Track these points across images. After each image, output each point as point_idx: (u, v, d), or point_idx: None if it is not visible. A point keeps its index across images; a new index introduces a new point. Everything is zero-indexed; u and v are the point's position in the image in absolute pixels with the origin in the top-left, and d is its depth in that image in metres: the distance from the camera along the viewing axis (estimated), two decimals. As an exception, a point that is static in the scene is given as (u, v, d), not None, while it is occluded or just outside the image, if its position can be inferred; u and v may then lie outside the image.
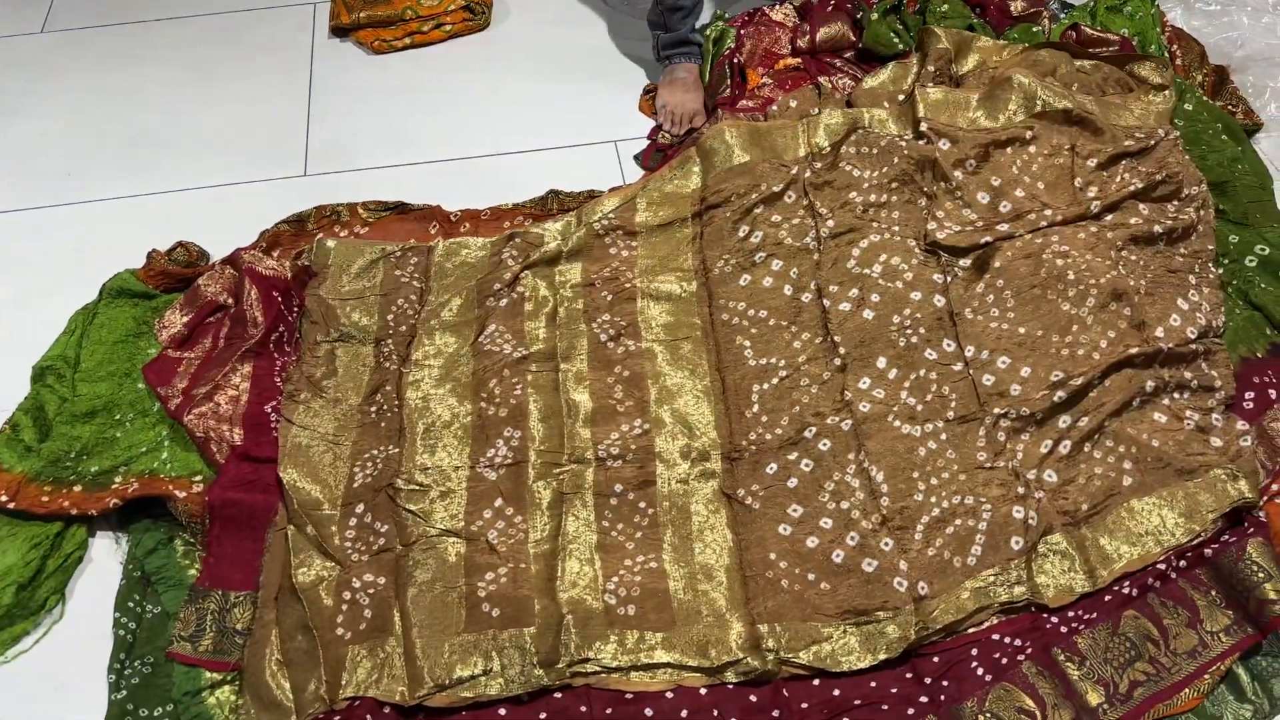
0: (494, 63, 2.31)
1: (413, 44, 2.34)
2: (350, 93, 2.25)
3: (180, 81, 2.29)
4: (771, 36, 2.15)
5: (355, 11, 2.33)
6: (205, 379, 1.66)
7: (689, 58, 2.22)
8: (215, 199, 2.03)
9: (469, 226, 1.95)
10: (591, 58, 2.31)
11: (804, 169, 1.82)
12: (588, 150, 2.11)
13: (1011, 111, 1.81)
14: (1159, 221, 1.70)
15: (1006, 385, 1.55)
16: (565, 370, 1.65)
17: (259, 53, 2.35)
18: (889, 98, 1.92)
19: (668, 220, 1.84)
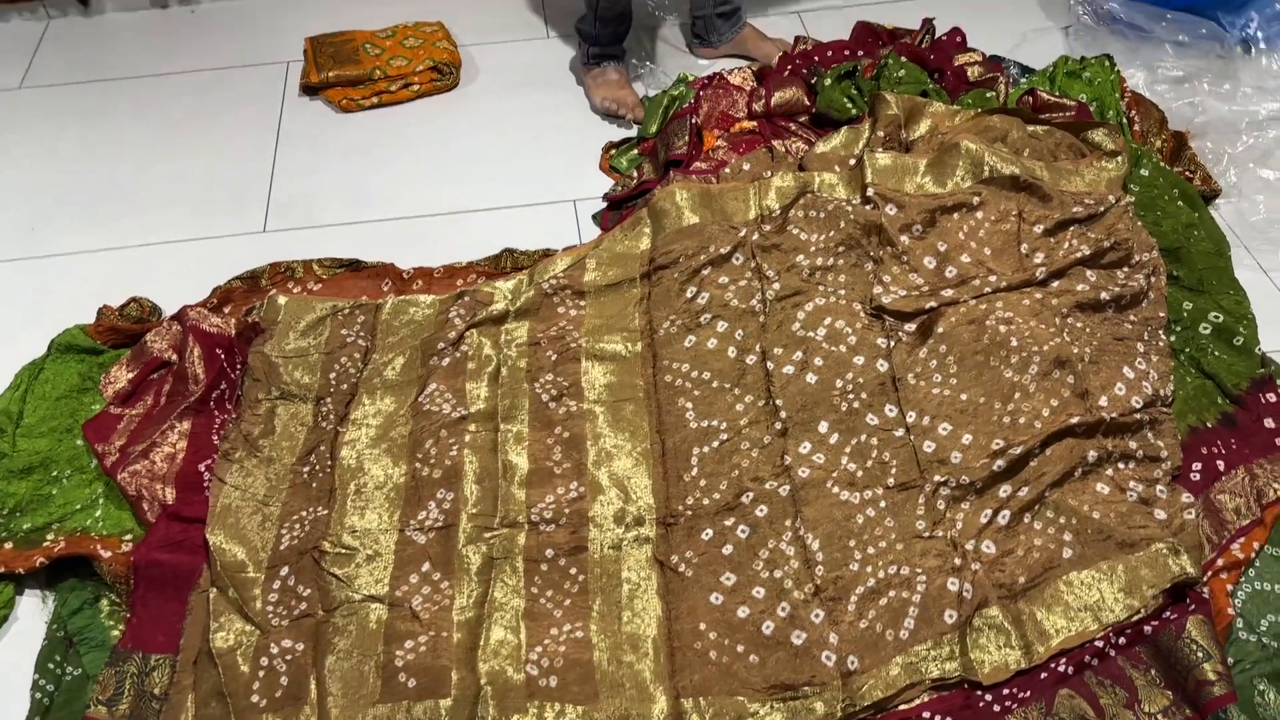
0: (459, 122, 2.33)
1: (380, 103, 2.36)
2: (316, 149, 2.27)
3: (149, 137, 2.31)
4: (729, 99, 2.16)
5: (325, 71, 2.36)
6: (143, 436, 1.65)
7: (617, 61, 2.33)
8: (173, 254, 2.04)
9: (421, 284, 1.95)
10: (554, 119, 2.33)
11: (752, 231, 1.82)
12: (546, 209, 2.12)
13: (959, 178, 1.81)
14: (1106, 288, 1.68)
15: (947, 452, 1.52)
16: (505, 431, 1.64)
17: (229, 109, 2.38)
18: (840, 162, 1.92)
19: (616, 280, 1.84)
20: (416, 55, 2.41)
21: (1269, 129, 2.06)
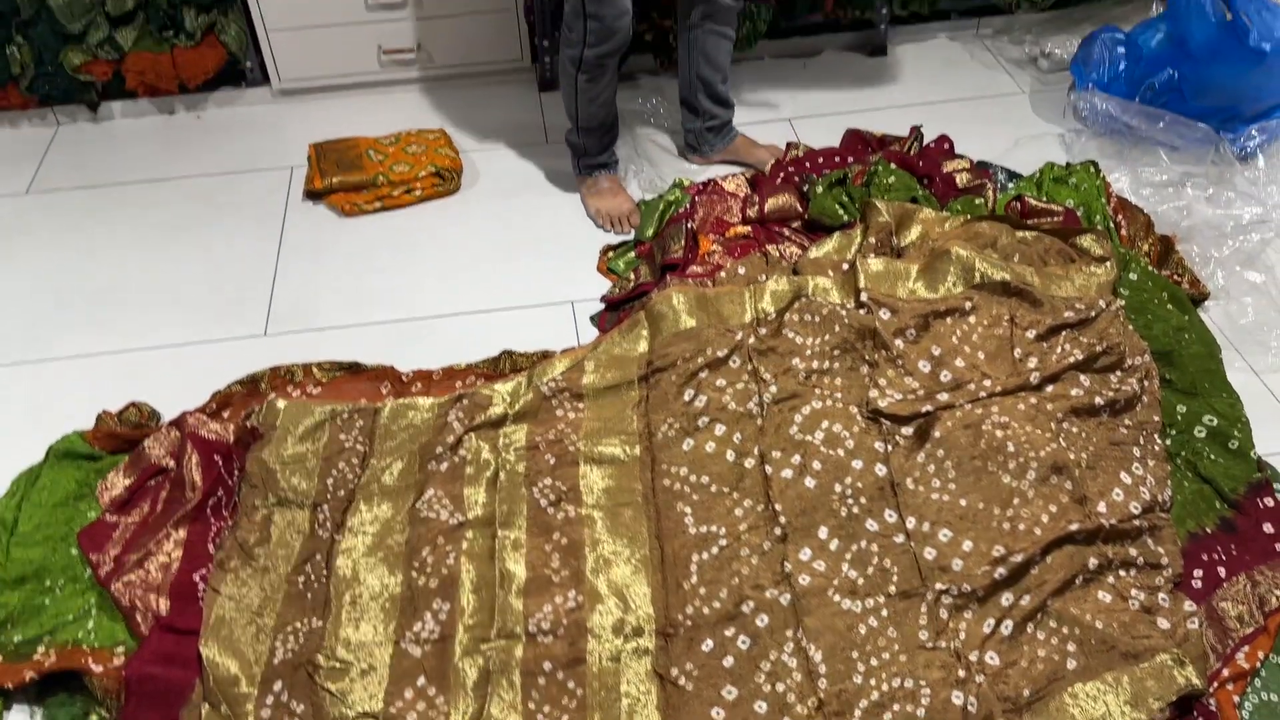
0: (459, 226, 2.37)
1: (383, 207, 2.41)
2: (318, 253, 2.30)
3: (152, 240, 2.35)
4: (724, 205, 2.21)
5: (329, 177, 2.41)
6: (138, 545, 1.64)
7: (609, 169, 2.37)
8: (174, 358, 2.05)
9: (420, 387, 1.96)
10: (552, 222, 2.37)
11: (749, 334, 1.84)
12: (544, 310, 2.14)
13: (950, 283, 1.84)
14: (1100, 393, 1.69)
15: (948, 559, 1.52)
16: (503, 537, 1.63)
17: (233, 213, 2.42)
18: (833, 266, 1.96)
19: (614, 383, 1.85)
20: (419, 161, 2.46)
21: (1253, 232, 2.10)
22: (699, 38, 2.28)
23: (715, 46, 2.28)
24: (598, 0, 2.00)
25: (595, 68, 2.13)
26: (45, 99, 2.68)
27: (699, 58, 2.31)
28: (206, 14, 2.56)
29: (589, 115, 2.26)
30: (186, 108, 2.77)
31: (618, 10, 2.01)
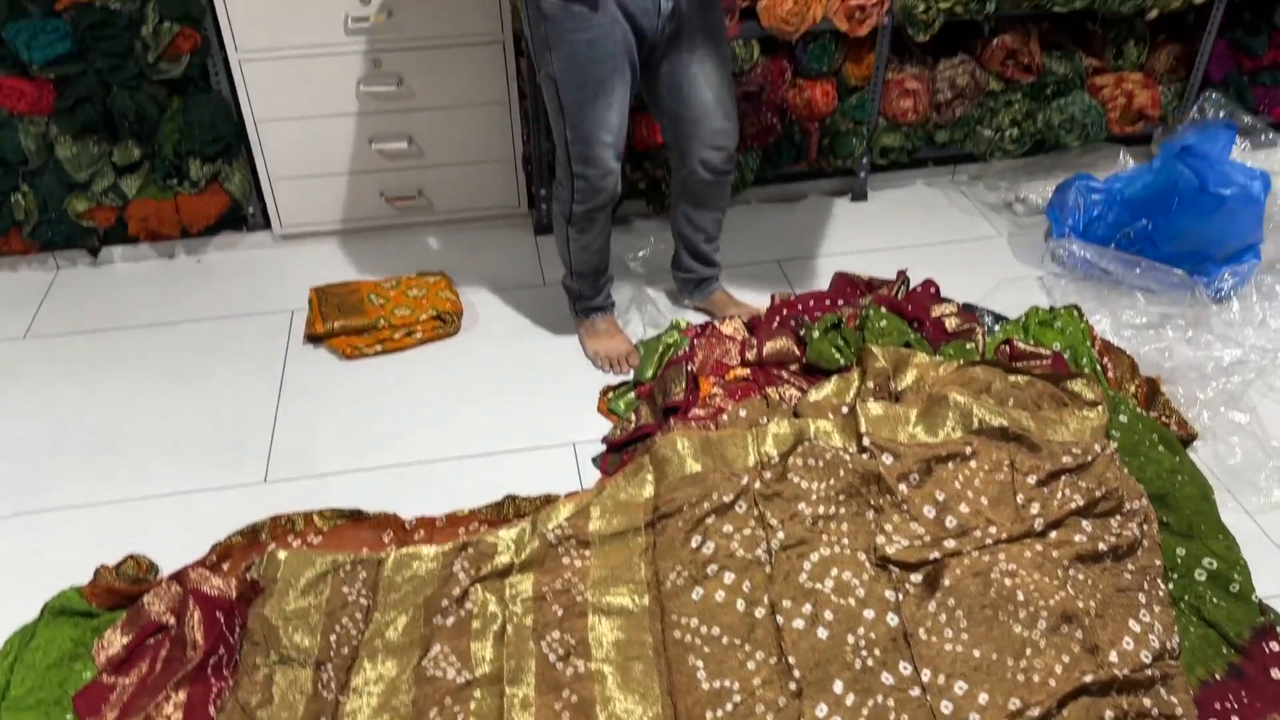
0: (460, 368, 2.40)
1: (384, 350, 2.44)
2: (318, 397, 2.32)
3: (151, 386, 2.36)
4: (722, 348, 2.26)
5: (331, 321, 2.44)
6: (136, 708, 1.59)
7: (605, 312, 2.42)
8: (173, 507, 2.03)
9: (423, 534, 1.95)
10: (552, 363, 2.41)
11: (754, 479, 1.86)
12: (546, 452, 2.16)
13: (950, 428, 1.88)
14: (1103, 538, 1.72)
15: (965, 713, 1.51)
16: (511, 695, 1.60)
17: (233, 358, 2.44)
18: (833, 409, 2.00)
19: (621, 529, 1.85)
20: (420, 305, 2.51)
21: (1234, 374, 2.18)
22: (684, 202, 2.36)
23: (698, 213, 2.37)
24: (584, 161, 2.08)
25: (584, 220, 2.20)
26: (47, 244, 2.72)
27: (683, 218, 2.39)
28: (211, 163, 2.63)
29: (582, 262, 2.33)
30: (187, 251, 2.81)
31: (603, 170, 2.09)
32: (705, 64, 2.08)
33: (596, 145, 2.05)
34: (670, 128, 2.20)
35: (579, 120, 2.03)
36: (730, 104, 2.17)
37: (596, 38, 1.93)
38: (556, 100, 2.03)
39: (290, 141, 2.64)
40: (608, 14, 1.92)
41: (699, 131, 2.16)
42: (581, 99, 2.00)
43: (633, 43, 1.98)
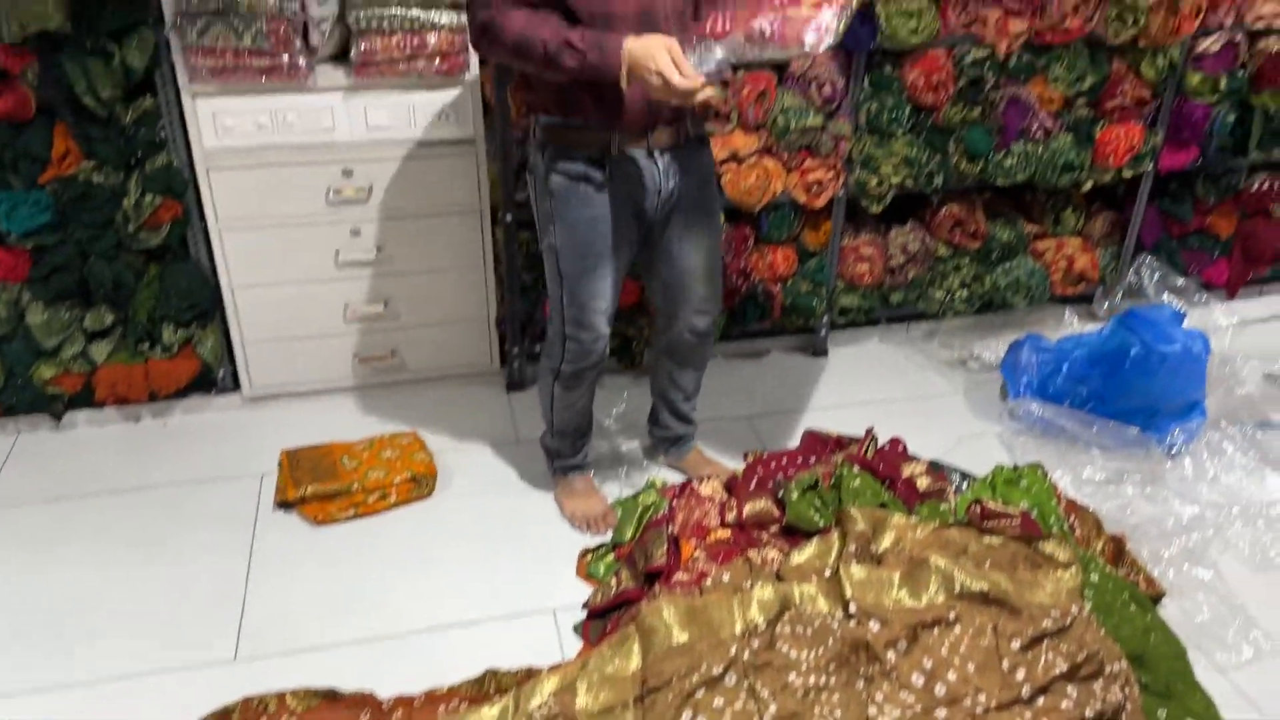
0: (435, 532, 2.38)
1: (357, 514, 2.41)
2: (290, 567, 2.27)
3: (114, 558, 2.29)
4: (701, 510, 2.28)
5: (303, 486, 2.42)
6: None
7: (583, 471, 2.45)
8: (137, 690, 1.94)
9: (401, 714, 1.89)
10: (529, 524, 2.40)
11: (742, 648, 1.85)
12: (526, 620, 2.12)
13: (933, 591, 1.91)
14: (1089, 704, 1.74)
15: None
16: None
17: (200, 527, 2.38)
18: (816, 572, 2.02)
19: (609, 705, 1.82)
20: (394, 467, 2.50)
21: (1194, 530, 2.26)
22: (667, 361, 2.43)
23: (681, 372, 2.44)
24: (577, 325, 2.16)
25: (572, 379, 2.25)
26: (9, 410, 2.67)
27: (665, 376, 2.46)
28: (185, 328, 2.64)
29: (564, 421, 2.36)
30: (153, 415, 2.78)
31: (595, 335, 2.17)
32: (698, 236, 2.18)
33: (590, 313, 2.13)
34: (659, 291, 2.28)
35: (575, 288, 2.11)
36: (717, 273, 2.27)
37: (598, 215, 2.03)
38: (556, 268, 2.11)
39: (266, 307, 2.67)
40: (611, 194, 2.03)
41: (688, 297, 2.25)
42: (580, 270, 2.08)
43: (633, 220, 2.09)
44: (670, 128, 2.02)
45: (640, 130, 1.98)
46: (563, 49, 1.78)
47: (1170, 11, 2.76)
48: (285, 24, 2.32)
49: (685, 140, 2.06)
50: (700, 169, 2.13)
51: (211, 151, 2.46)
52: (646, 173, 2.03)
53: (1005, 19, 2.72)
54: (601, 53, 1.76)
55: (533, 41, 1.79)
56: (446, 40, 2.42)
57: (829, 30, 1.70)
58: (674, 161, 2.06)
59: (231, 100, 2.42)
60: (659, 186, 2.06)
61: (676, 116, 2.02)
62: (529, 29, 1.79)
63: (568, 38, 1.77)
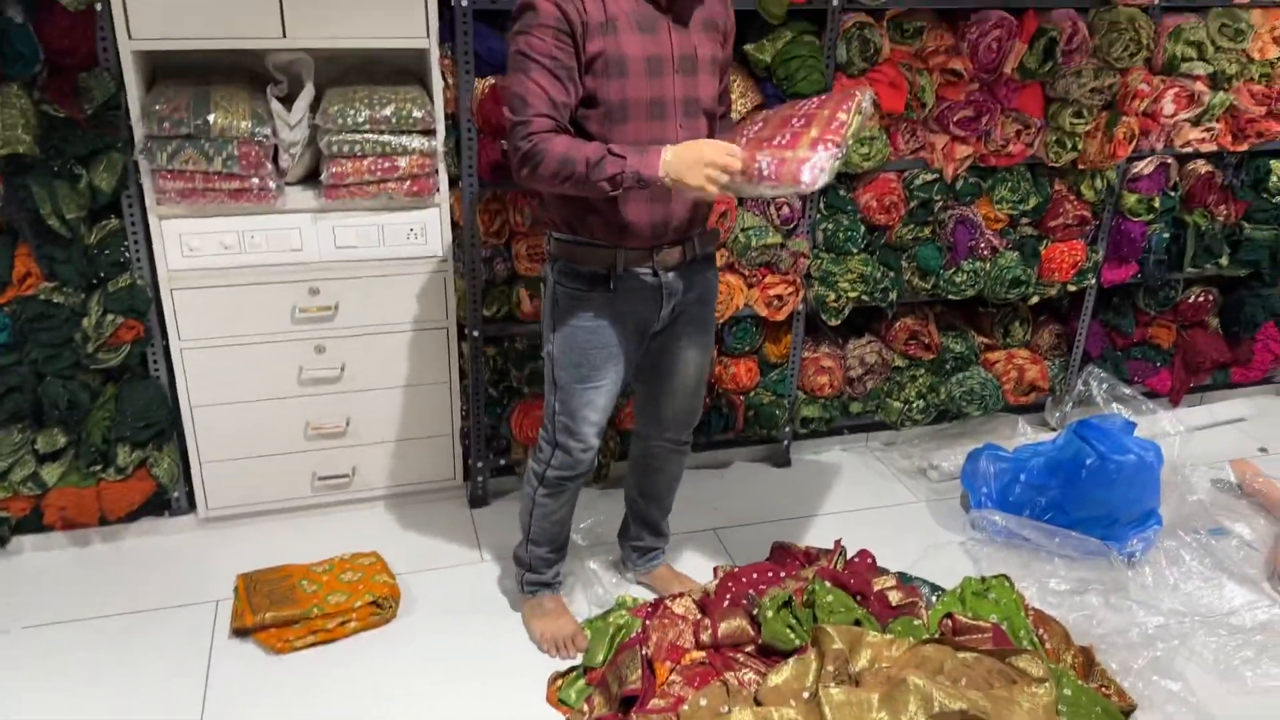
0: (399, 658, 2.31)
1: (317, 641, 2.33)
2: (247, 698, 2.17)
3: (61, 692, 2.17)
4: (675, 630, 2.25)
5: (261, 612, 2.34)
6: None
7: (553, 590, 2.42)
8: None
9: None
10: (495, 647, 2.35)
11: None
12: (497, 754, 2.06)
13: (912, 712, 1.89)
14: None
15: None
16: None
17: (152, 657, 2.28)
18: (794, 695, 1.99)
19: (587, 842, 1.76)
20: (355, 590, 2.43)
21: (1159, 641, 2.28)
22: (643, 468, 2.44)
23: (655, 479, 2.44)
24: (567, 433, 2.17)
25: (556, 486, 2.26)
26: (-50, 535, 2.56)
27: (638, 484, 2.46)
28: (141, 449, 2.57)
29: (540, 530, 2.33)
30: (103, 539, 2.68)
31: (584, 446, 2.18)
32: (691, 350, 2.23)
33: (581, 423, 2.15)
34: (644, 398, 2.32)
35: (568, 397, 2.13)
36: (703, 387, 2.32)
37: (598, 327, 2.07)
38: (552, 376, 2.15)
39: (226, 425, 2.62)
40: (613, 309, 2.07)
41: (673, 407, 2.30)
42: (574, 379, 2.11)
43: (634, 335, 2.12)
44: (677, 247, 2.07)
45: (646, 249, 2.03)
46: (605, 160, 1.83)
47: (1106, 137, 2.93)
48: (257, 148, 2.35)
49: (692, 259, 2.11)
50: (704, 287, 2.18)
51: (176, 271, 2.45)
52: (650, 290, 2.08)
53: (951, 144, 2.86)
54: (642, 156, 1.83)
55: (575, 159, 1.83)
56: (417, 163, 2.46)
57: (823, 170, 1.79)
58: (679, 279, 2.11)
59: (199, 221, 2.42)
60: (661, 304, 2.11)
61: (683, 237, 2.07)
62: (572, 149, 1.84)
63: (609, 148, 1.84)
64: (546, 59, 1.84)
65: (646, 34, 1.91)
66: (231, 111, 2.32)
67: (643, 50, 1.91)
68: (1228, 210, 3.23)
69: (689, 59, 1.96)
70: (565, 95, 1.87)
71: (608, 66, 1.89)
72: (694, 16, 1.98)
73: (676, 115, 1.95)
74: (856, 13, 2.68)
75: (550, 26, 1.84)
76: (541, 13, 1.84)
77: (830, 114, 1.89)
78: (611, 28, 1.88)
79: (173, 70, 2.50)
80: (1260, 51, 3.03)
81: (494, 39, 2.49)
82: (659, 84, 1.93)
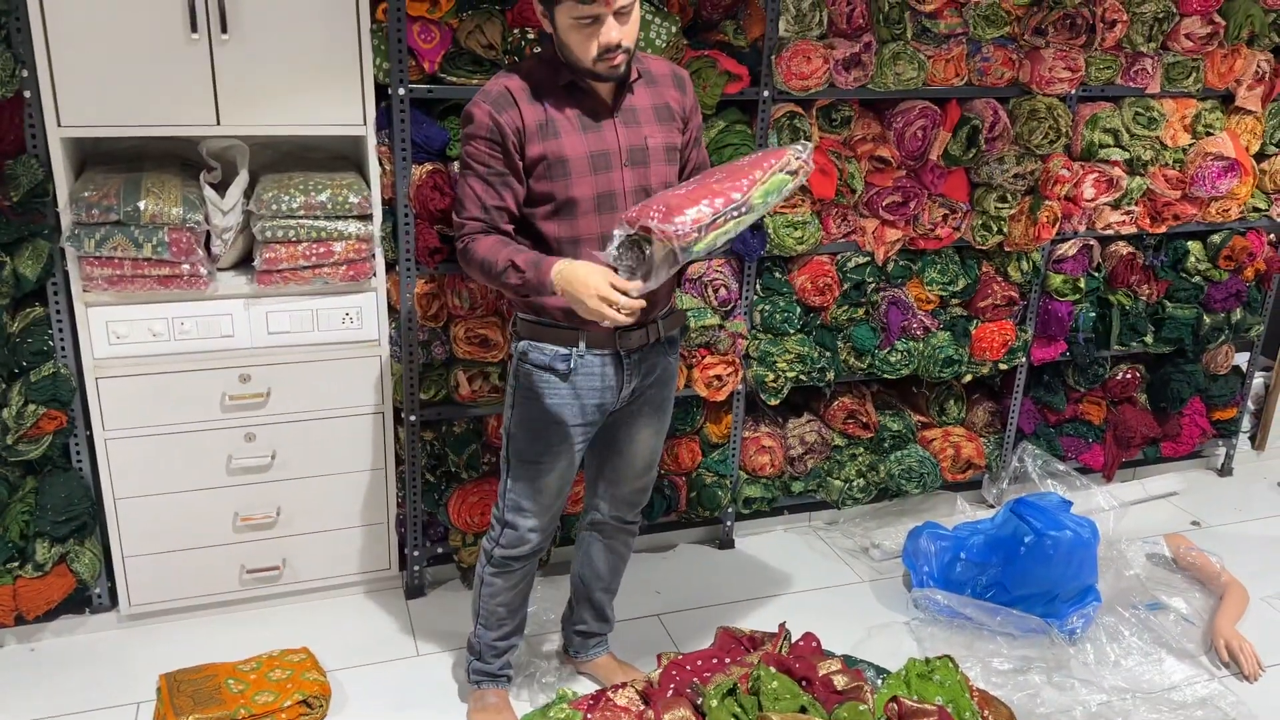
0: (329, 761, 2.21)
1: (243, 745, 2.23)
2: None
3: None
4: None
5: (185, 714, 2.22)
6: None
7: (498, 684, 2.38)
8: None
9: None
10: None
11: None
12: None
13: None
14: None
15: None
16: None
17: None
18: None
19: None
20: (284, 689, 2.33)
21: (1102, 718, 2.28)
22: (590, 546, 2.41)
23: (602, 558, 2.41)
24: (516, 510, 2.17)
25: (502, 564, 2.23)
26: None
27: (586, 562, 2.43)
28: (61, 544, 2.47)
29: (489, 612, 2.30)
30: (18, 639, 2.54)
31: (532, 525, 2.18)
32: (647, 430, 2.23)
33: (529, 500, 2.15)
34: (596, 472, 2.31)
35: (519, 475, 2.14)
36: (655, 468, 2.33)
37: (555, 405, 2.07)
38: (506, 452, 2.15)
39: (150, 518, 2.53)
40: (573, 388, 2.07)
41: (624, 484, 2.29)
42: (527, 456, 2.12)
43: (593, 414, 2.12)
44: (639, 330, 2.08)
45: (608, 332, 2.03)
46: (509, 269, 1.92)
47: (1030, 221, 3.03)
48: (188, 234, 2.32)
49: (655, 341, 2.13)
50: (664, 370, 2.20)
51: (102, 359, 2.39)
52: (611, 372, 2.09)
53: (881, 229, 2.93)
54: (536, 272, 1.89)
55: (491, 263, 1.94)
56: (353, 248, 2.45)
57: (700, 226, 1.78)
58: (641, 362, 2.12)
59: (126, 309, 2.37)
60: (621, 385, 2.11)
61: (645, 320, 2.08)
62: (490, 253, 1.94)
63: (514, 260, 1.91)
64: (481, 166, 1.96)
65: (591, 132, 1.97)
66: (163, 198, 2.30)
67: (586, 148, 1.96)
68: (1150, 289, 3.34)
69: (639, 150, 2.00)
70: (497, 199, 1.97)
71: (550, 168, 1.95)
72: (645, 106, 2.02)
73: (627, 207, 1.96)
74: (786, 103, 2.76)
75: (483, 137, 1.94)
76: (476, 123, 1.94)
77: (748, 168, 1.91)
78: (552, 130, 1.94)
79: (102, 156, 2.48)
80: (1172, 139, 3.17)
81: (431, 126, 2.51)
82: (606, 179, 1.97)
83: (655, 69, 2.07)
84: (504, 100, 1.92)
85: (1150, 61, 3.04)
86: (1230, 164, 3.17)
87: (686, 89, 2.11)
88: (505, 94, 1.93)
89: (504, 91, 1.93)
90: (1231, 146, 3.19)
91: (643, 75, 2.03)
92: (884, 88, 2.79)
